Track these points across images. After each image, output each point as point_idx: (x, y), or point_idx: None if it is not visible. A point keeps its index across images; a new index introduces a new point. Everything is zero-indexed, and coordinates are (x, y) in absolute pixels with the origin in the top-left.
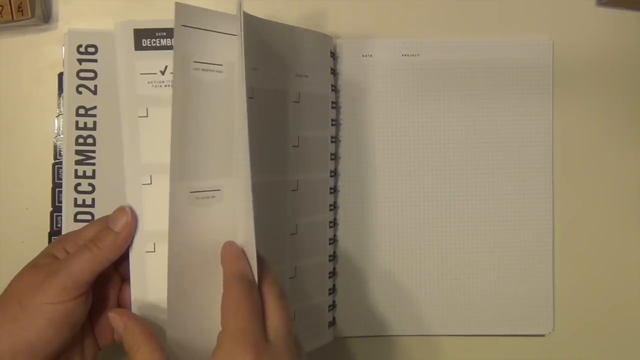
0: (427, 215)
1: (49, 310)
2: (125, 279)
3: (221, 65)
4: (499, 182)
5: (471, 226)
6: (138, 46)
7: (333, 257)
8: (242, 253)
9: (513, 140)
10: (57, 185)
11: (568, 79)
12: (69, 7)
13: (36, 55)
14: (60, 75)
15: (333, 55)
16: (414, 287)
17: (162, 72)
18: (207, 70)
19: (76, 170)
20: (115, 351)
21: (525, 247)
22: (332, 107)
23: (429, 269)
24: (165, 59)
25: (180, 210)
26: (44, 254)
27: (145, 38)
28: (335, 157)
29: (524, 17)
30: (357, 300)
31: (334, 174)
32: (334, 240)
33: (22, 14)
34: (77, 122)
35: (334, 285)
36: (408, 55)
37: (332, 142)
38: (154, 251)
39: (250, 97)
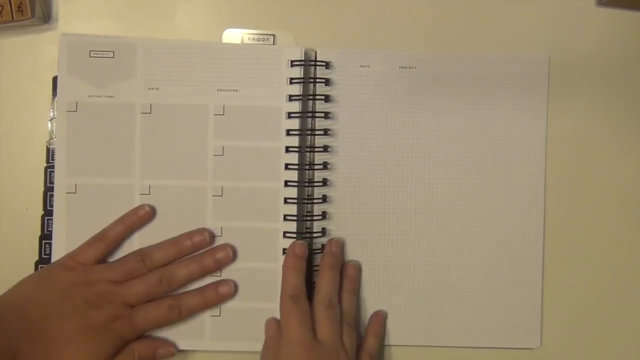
0: (420, 226)
1: None
2: None
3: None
4: (492, 195)
5: (462, 238)
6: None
7: None
8: (301, 266)
9: (508, 154)
10: (48, 189)
11: (563, 87)
12: (69, 7)
13: (36, 56)
14: (55, 79)
15: (312, 62)
16: (404, 299)
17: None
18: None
19: None
20: None
21: (515, 260)
22: (292, 117)
23: (419, 280)
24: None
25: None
26: None
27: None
28: (323, 166)
29: (521, 25)
30: None
31: (309, 183)
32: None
33: (22, 14)
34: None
35: None
36: (405, 68)
37: (289, 152)
38: None
39: (147, 113)
